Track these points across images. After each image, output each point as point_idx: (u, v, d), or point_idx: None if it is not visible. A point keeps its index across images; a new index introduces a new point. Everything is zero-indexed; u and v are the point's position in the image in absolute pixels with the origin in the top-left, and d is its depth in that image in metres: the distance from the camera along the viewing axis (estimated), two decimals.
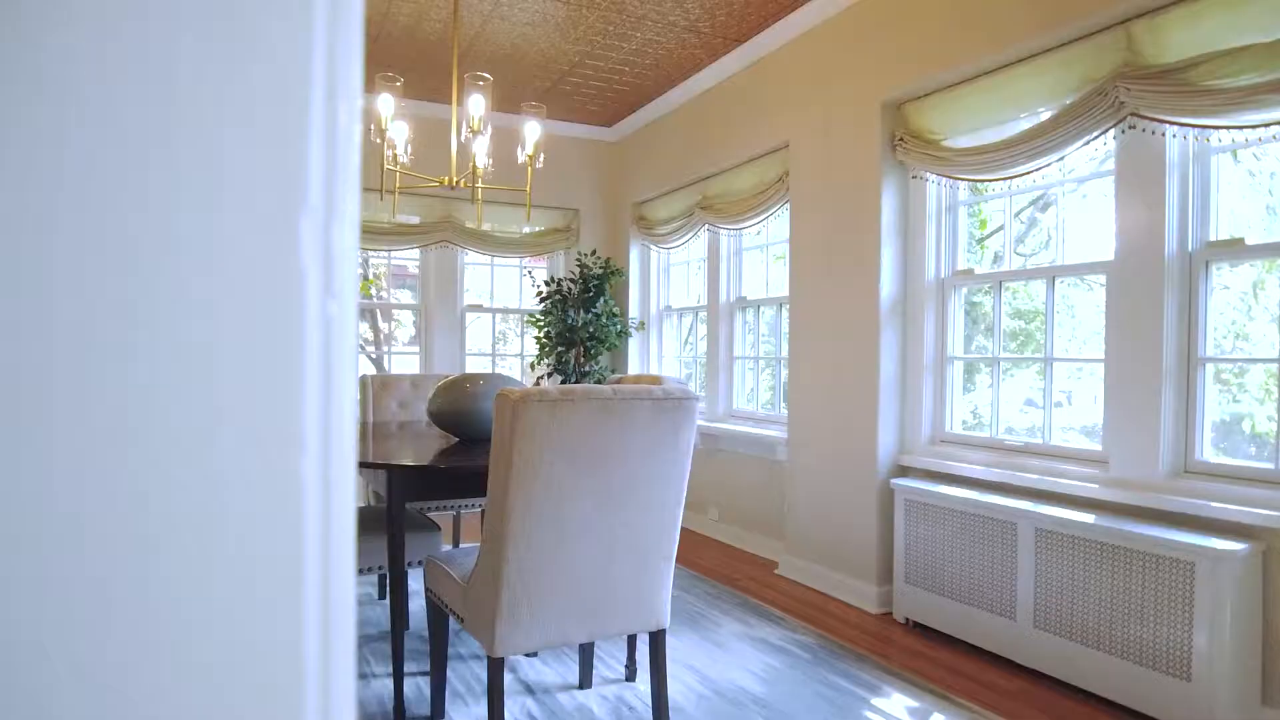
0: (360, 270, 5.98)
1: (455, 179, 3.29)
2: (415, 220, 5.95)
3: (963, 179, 3.50)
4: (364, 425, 4.04)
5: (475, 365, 6.68)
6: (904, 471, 3.80)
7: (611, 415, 2.06)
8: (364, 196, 5.55)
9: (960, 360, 3.76)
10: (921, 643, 3.36)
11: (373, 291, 7.94)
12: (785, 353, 4.74)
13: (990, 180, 3.38)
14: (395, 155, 3.41)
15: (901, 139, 3.72)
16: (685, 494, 2.28)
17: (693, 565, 4.56)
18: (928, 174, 3.66)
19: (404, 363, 6.96)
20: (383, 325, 9.01)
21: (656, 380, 3.53)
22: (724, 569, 4.50)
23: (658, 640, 2.33)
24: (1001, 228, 3.71)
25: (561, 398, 1.99)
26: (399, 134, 3.41)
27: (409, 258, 6.33)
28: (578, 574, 2.13)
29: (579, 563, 2.12)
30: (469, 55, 4.86)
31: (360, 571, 2.85)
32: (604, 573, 2.17)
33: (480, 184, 3.48)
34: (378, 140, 3.07)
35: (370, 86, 3.56)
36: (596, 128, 6.38)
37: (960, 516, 3.29)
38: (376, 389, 4.39)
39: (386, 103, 3.05)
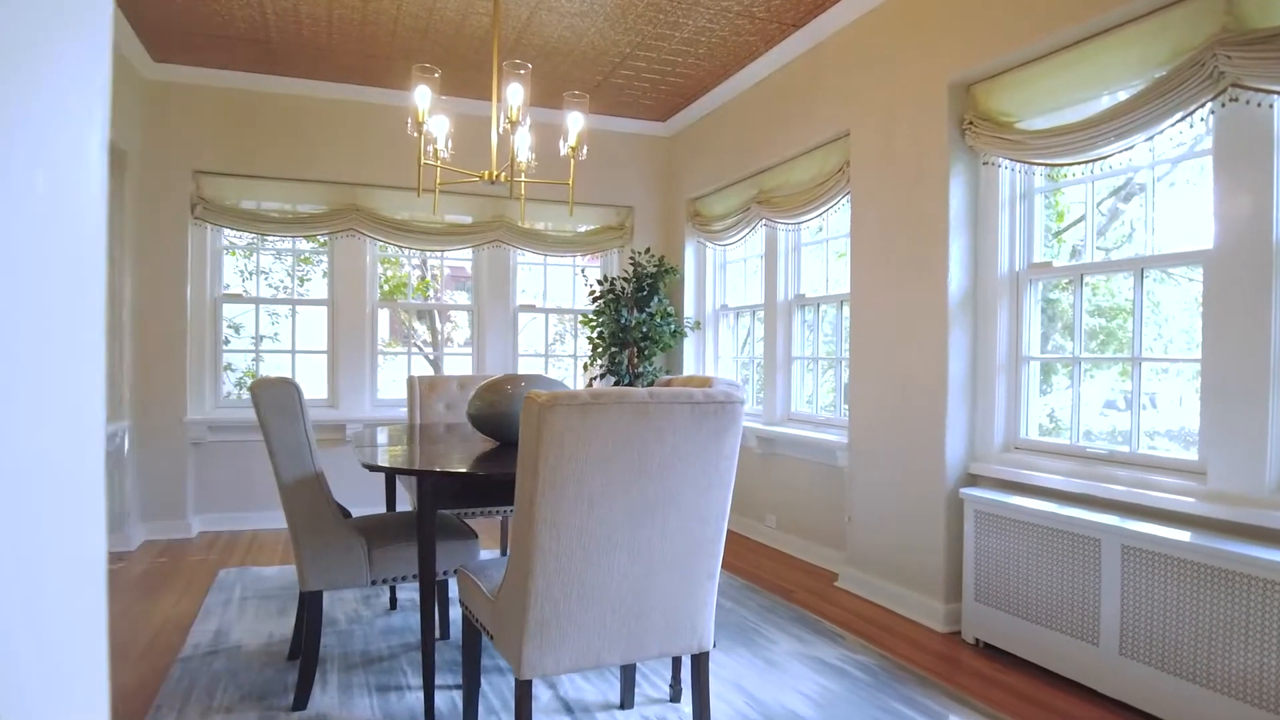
0: (419, 271, 5.91)
1: (496, 173, 3.18)
2: (468, 220, 5.90)
3: (1039, 163, 3.23)
4: (410, 428, 3.98)
5: (528, 366, 6.60)
6: (974, 480, 3.54)
7: (647, 420, 1.90)
8: (411, 195, 5.51)
9: (1036, 360, 3.48)
10: (992, 666, 3.10)
11: (430, 293, 7.96)
12: (846, 353, 4.51)
13: (1070, 164, 3.10)
14: (435, 151, 3.32)
15: (971, 122, 3.46)
16: (730, 505, 2.11)
17: (747, 575, 4.36)
18: (1000, 159, 3.40)
19: (459, 364, 6.93)
20: (440, 326, 9.07)
21: (706, 382, 3.36)
22: (780, 580, 4.29)
23: (700, 663, 2.16)
24: (1082, 219, 3.43)
25: (592, 401, 1.84)
26: (439, 128, 3.32)
27: (463, 258, 6.29)
28: (611, 592, 1.97)
29: (613, 580, 1.97)
30: (516, 49, 4.77)
31: (393, 580, 2.76)
32: (640, 591, 2.01)
33: (523, 178, 3.36)
34: (415, 134, 2.98)
35: (408, 81, 3.47)
36: (650, 123, 6.23)
37: (1037, 530, 3.02)
38: (424, 390, 4.33)
39: (424, 95, 2.95)
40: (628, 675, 2.73)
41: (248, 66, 5.15)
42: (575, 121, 3.14)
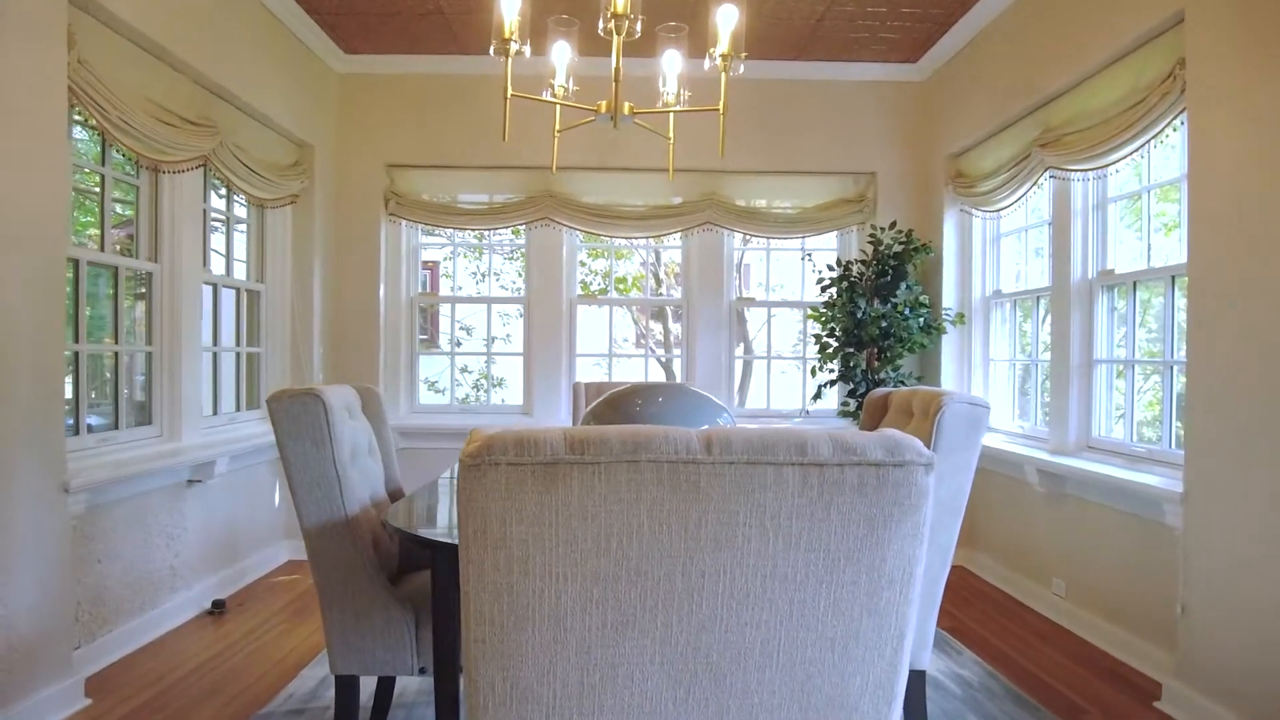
0: (652, 266, 5.08)
1: (613, 104, 2.30)
2: (675, 200, 5.09)
3: None
4: None
5: (755, 370, 5.68)
6: None
7: (694, 496, 0.90)
8: (607, 177, 4.78)
9: None
10: None
11: (662, 289, 7.26)
12: (1181, 354, 3.03)
13: None
14: (555, 88, 2.53)
15: None
16: (905, 662, 1.03)
17: (1015, 671, 3.05)
18: None
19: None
20: (673, 327, 8.39)
21: (933, 400, 2.22)
22: (1066, 684, 2.94)
23: None
24: None
25: (568, 456, 0.89)
26: (559, 57, 2.52)
27: (673, 245, 5.48)
28: None
29: None
30: None
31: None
32: None
33: (673, 110, 2.46)
34: (502, 57, 2.18)
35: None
36: (894, 65, 4.96)
37: None
38: (590, 399, 3.59)
39: (510, 5, 2.15)
40: None
41: (431, 48, 4.76)
42: (727, 16, 2.16)
